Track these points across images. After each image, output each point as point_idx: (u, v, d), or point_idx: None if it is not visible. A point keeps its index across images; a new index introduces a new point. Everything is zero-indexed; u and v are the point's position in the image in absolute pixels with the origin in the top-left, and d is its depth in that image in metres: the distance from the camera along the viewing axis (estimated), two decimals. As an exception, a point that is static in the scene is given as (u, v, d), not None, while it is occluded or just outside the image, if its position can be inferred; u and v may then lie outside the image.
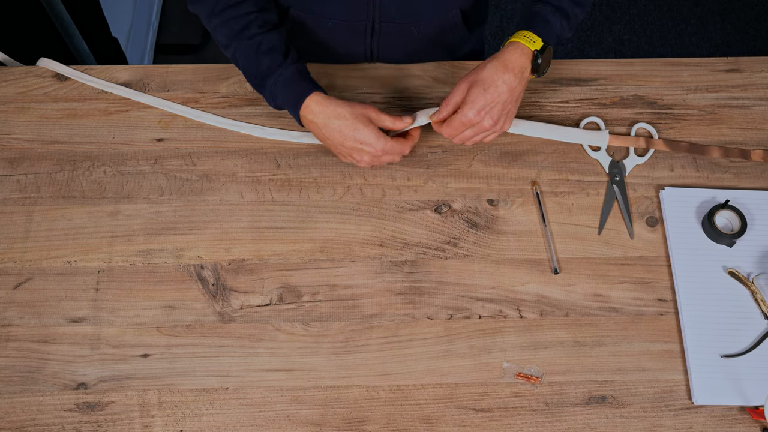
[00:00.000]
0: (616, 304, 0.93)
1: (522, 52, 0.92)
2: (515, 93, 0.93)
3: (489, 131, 0.94)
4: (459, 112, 0.92)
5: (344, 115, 0.92)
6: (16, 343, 0.90)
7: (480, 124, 0.93)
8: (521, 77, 0.92)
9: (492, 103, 0.91)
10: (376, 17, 1.05)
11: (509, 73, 0.91)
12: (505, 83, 0.91)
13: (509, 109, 0.94)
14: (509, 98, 0.92)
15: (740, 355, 0.90)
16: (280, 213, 0.99)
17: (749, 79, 1.10)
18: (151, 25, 2.13)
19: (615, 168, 1.02)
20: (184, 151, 1.03)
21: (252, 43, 0.94)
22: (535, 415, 0.87)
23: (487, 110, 0.92)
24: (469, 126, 0.93)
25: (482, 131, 0.94)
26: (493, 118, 0.92)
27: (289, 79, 0.93)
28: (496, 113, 0.92)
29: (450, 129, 0.94)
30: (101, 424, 0.86)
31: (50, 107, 1.06)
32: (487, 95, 0.91)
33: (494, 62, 0.92)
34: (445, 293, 0.94)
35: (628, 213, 0.99)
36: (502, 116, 0.93)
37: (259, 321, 0.92)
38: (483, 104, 0.91)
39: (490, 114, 0.92)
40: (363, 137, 0.92)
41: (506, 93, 0.91)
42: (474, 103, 0.91)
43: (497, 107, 0.92)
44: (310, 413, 0.87)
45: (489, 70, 0.91)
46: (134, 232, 0.97)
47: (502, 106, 0.92)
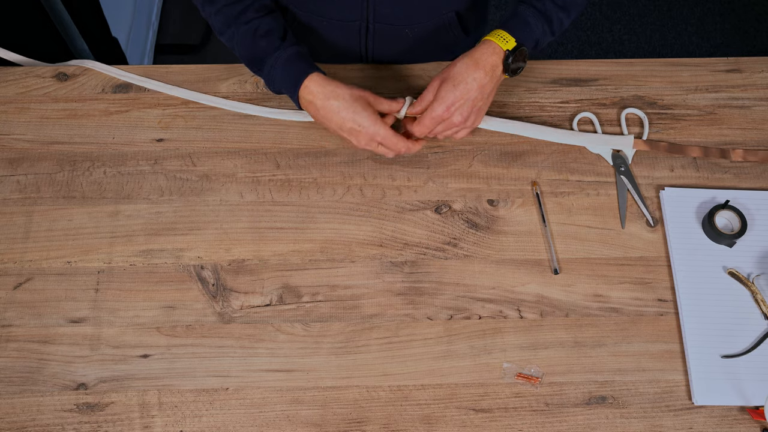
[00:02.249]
0: (616, 304, 0.93)
1: (493, 50, 0.93)
2: (485, 90, 0.93)
3: (458, 127, 0.95)
4: (429, 109, 0.94)
5: (343, 96, 0.92)
6: (16, 343, 0.90)
7: (449, 119, 0.94)
8: (492, 75, 0.93)
9: (461, 100, 0.92)
10: (371, 17, 1.05)
11: (480, 70, 0.92)
12: (475, 80, 0.92)
13: (479, 106, 0.95)
14: (479, 95, 0.93)
15: (740, 355, 0.90)
16: (280, 213, 0.99)
17: (749, 79, 1.10)
18: (151, 25, 2.13)
19: (618, 159, 1.02)
20: (184, 151, 1.03)
21: (249, 27, 0.94)
22: (535, 415, 0.87)
23: (456, 106, 0.93)
24: (439, 122, 0.94)
25: (451, 127, 0.95)
26: (462, 114, 0.93)
27: (288, 60, 0.94)
28: (465, 110, 0.93)
29: (421, 127, 0.95)
30: (101, 425, 0.86)
31: (50, 107, 1.06)
32: (456, 91, 0.92)
33: (465, 59, 0.93)
34: (445, 294, 0.94)
35: (642, 200, 0.99)
36: (472, 113, 0.94)
37: (259, 321, 0.92)
38: (452, 100, 0.92)
39: (459, 110, 0.93)
40: (361, 120, 0.92)
41: (476, 90, 0.92)
42: (443, 99, 0.92)
43: (467, 104, 0.93)
44: (310, 414, 0.87)
45: (459, 67, 0.93)
46: (134, 233, 0.97)
47: (472, 102, 0.93)
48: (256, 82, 1.08)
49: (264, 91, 1.08)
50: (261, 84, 1.08)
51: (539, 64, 1.11)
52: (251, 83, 1.08)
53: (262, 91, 1.08)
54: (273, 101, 1.07)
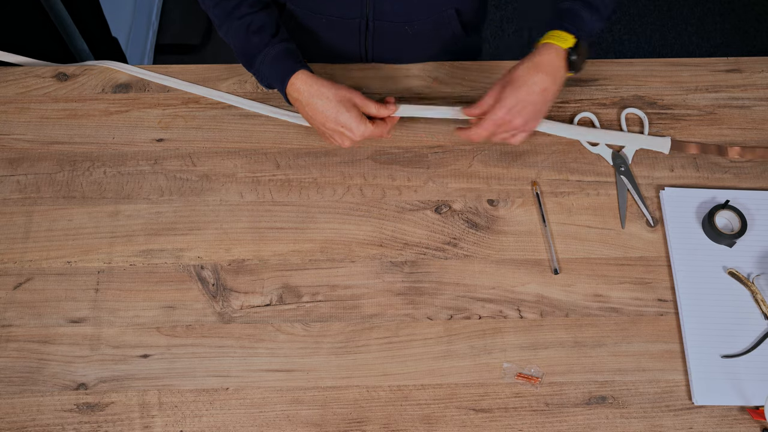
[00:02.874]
0: (616, 304, 0.93)
1: (555, 52, 0.92)
2: (548, 94, 0.92)
3: (519, 129, 0.94)
4: (490, 112, 0.92)
5: (328, 96, 0.92)
6: (16, 343, 0.90)
7: (510, 123, 0.92)
8: (554, 78, 0.92)
9: (523, 102, 0.91)
10: (370, 15, 1.05)
11: (541, 73, 0.91)
12: (536, 84, 0.91)
13: (540, 109, 0.93)
14: (540, 99, 0.92)
15: (740, 355, 0.90)
16: (280, 213, 0.99)
17: (749, 79, 1.10)
18: (151, 25, 2.13)
19: (618, 159, 1.02)
20: (184, 151, 1.03)
21: (242, 22, 0.95)
22: (535, 415, 0.87)
23: (518, 109, 0.91)
24: (499, 124, 0.93)
25: (511, 129, 0.94)
26: (523, 117, 0.92)
27: (276, 57, 0.94)
28: (527, 113, 0.92)
29: (480, 129, 0.94)
30: (101, 425, 0.86)
31: (50, 107, 1.06)
32: (518, 94, 0.91)
33: (526, 63, 0.92)
34: (445, 293, 0.94)
35: (642, 200, 0.99)
36: (532, 116, 0.93)
37: (259, 321, 0.92)
38: (514, 102, 0.91)
39: (520, 113, 0.92)
40: (345, 121, 0.92)
41: (538, 93, 0.91)
42: (504, 101, 0.91)
43: (528, 107, 0.91)
44: (310, 413, 0.87)
45: (521, 70, 0.91)
46: (134, 233, 0.97)
47: (533, 106, 0.92)
48: (255, 83, 1.08)
49: (264, 90, 1.08)
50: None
51: (539, 64, 1.10)
52: (251, 83, 1.08)
53: (262, 91, 1.08)
54: (274, 101, 1.07)
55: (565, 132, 1.04)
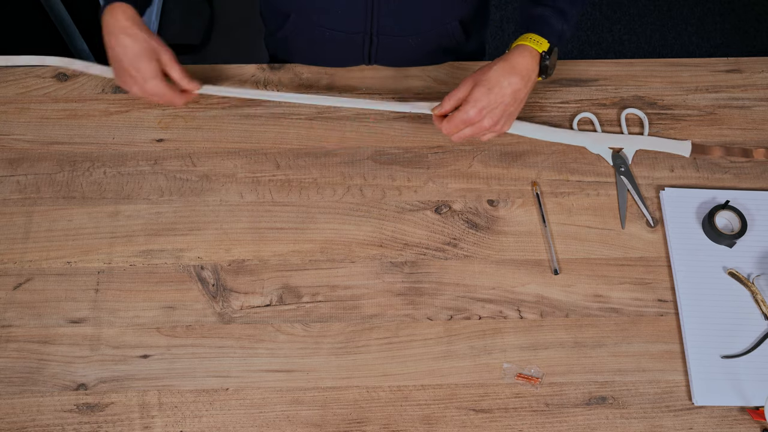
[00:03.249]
0: (616, 304, 0.93)
1: (530, 54, 0.92)
2: (519, 96, 0.93)
3: (488, 130, 0.95)
4: (461, 109, 0.93)
5: (138, 39, 0.92)
6: (16, 343, 0.90)
7: (480, 123, 0.93)
8: (527, 80, 0.93)
9: (494, 104, 0.91)
10: (374, 30, 1.05)
11: (516, 75, 0.91)
12: (510, 85, 0.91)
13: (511, 111, 0.94)
14: (512, 100, 0.92)
15: (740, 355, 0.90)
16: (280, 213, 0.99)
17: (749, 79, 1.10)
18: (151, 25, 2.13)
19: (618, 159, 1.02)
20: (184, 151, 1.03)
21: None
22: (535, 415, 0.87)
23: (488, 110, 0.92)
24: (469, 124, 0.93)
25: (481, 130, 0.94)
26: (493, 118, 0.93)
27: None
28: (497, 114, 0.92)
29: (450, 125, 0.94)
30: (101, 425, 0.86)
31: (50, 108, 1.06)
32: (490, 95, 0.91)
33: (501, 63, 0.92)
34: (445, 294, 0.94)
35: (642, 200, 0.99)
36: (502, 118, 0.93)
37: (259, 322, 0.92)
38: (486, 104, 0.91)
39: (491, 114, 0.92)
40: (142, 67, 0.92)
41: (510, 95, 0.92)
42: (477, 101, 0.91)
43: (499, 108, 0.92)
44: (310, 414, 0.87)
45: (496, 71, 0.92)
46: (134, 233, 0.97)
47: (504, 107, 0.92)
48: (255, 83, 1.08)
49: (264, 90, 1.07)
50: (261, 84, 1.08)
51: (539, 65, 1.11)
52: (251, 83, 1.08)
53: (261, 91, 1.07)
54: (272, 101, 1.07)
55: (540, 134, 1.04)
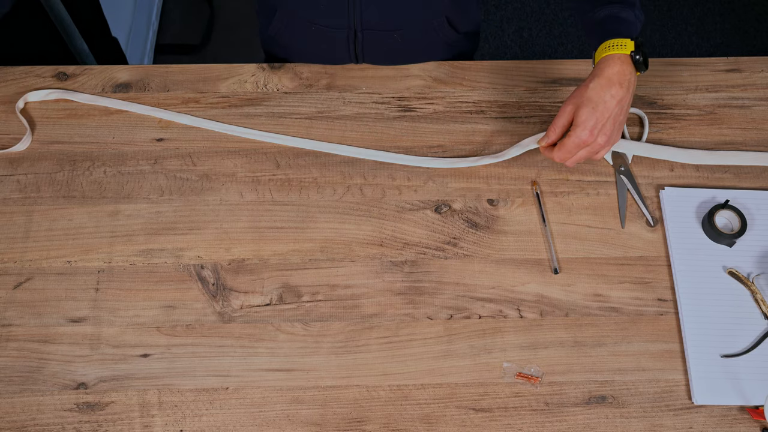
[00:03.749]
0: (616, 304, 0.93)
1: (621, 61, 0.90)
2: (624, 104, 0.91)
3: (604, 147, 0.93)
4: (572, 134, 0.91)
5: None
6: (16, 343, 0.90)
7: (594, 142, 0.91)
8: (628, 87, 0.91)
9: (603, 120, 0.90)
10: (358, 25, 1.04)
11: (614, 86, 0.89)
12: (614, 98, 0.89)
13: (620, 121, 0.92)
14: (619, 111, 0.90)
15: (740, 355, 0.90)
16: (280, 213, 0.99)
17: (749, 79, 1.10)
18: (151, 25, 2.13)
19: (618, 159, 1.02)
20: (184, 151, 1.03)
21: None
22: (535, 415, 0.87)
23: (599, 127, 0.90)
24: (583, 147, 0.91)
25: (597, 149, 0.92)
26: (606, 134, 0.91)
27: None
28: (608, 129, 0.91)
29: (563, 153, 0.92)
30: (101, 424, 0.86)
31: (50, 107, 1.06)
32: (597, 113, 0.89)
33: (597, 80, 0.90)
34: (445, 293, 0.94)
35: (642, 200, 0.99)
36: (614, 130, 0.92)
37: (259, 321, 0.92)
38: (594, 123, 0.89)
39: (603, 131, 0.90)
40: None
41: (615, 107, 0.90)
42: (586, 123, 0.89)
43: (609, 122, 0.90)
44: (310, 413, 0.87)
45: (593, 89, 0.90)
46: (134, 232, 0.97)
47: (614, 120, 0.91)
48: (255, 82, 1.08)
49: (264, 90, 1.08)
50: (261, 84, 1.08)
51: (539, 64, 1.11)
52: (251, 83, 1.08)
53: (261, 91, 1.08)
54: (272, 101, 1.07)
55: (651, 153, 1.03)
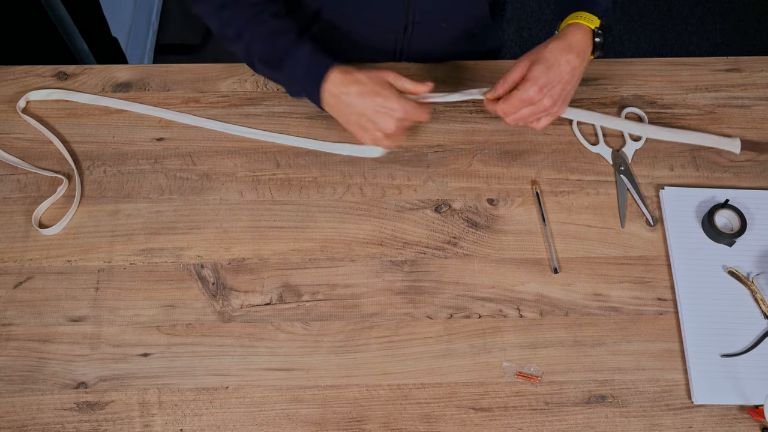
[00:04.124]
0: (615, 303, 0.93)
1: (584, 32, 0.91)
2: (576, 73, 0.91)
3: (546, 111, 0.92)
4: (519, 89, 0.90)
5: (363, 81, 0.89)
6: (16, 342, 0.90)
7: (540, 102, 0.90)
8: (583, 58, 0.91)
9: (554, 82, 0.89)
10: (410, 18, 1.04)
11: (572, 53, 0.90)
12: (569, 63, 0.90)
13: (568, 90, 0.92)
14: (570, 78, 0.91)
15: (740, 354, 0.90)
16: (280, 212, 0.99)
17: (749, 78, 1.10)
18: (151, 25, 2.13)
19: (618, 158, 1.02)
20: (184, 150, 1.03)
21: (266, 27, 0.94)
22: (534, 414, 0.87)
23: (548, 89, 0.89)
24: (528, 104, 0.90)
25: (540, 111, 0.92)
26: (552, 97, 0.90)
27: (308, 56, 0.92)
28: (556, 93, 0.90)
29: (507, 105, 0.91)
30: (101, 423, 0.86)
31: (50, 107, 1.06)
32: (549, 74, 0.89)
33: (557, 42, 0.91)
34: (445, 293, 0.94)
35: (641, 199, 0.99)
36: (561, 97, 0.91)
37: (259, 320, 0.92)
38: (545, 82, 0.89)
39: (550, 93, 0.90)
40: (384, 101, 0.89)
41: (568, 73, 0.90)
42: (536, 80, 0.89)
43: (558, 87, 0.90)
44: (310, 412, 0.87)
45: (552, 49, 0.90)
46: (134, 232, 0.97)
47: (563, 85, 0.90)
48: (255, 81, 1.08)
49: (264, 90, 1.08)
50: (261, 83, 1.08)
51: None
52: (251, 82, 1.08)
53: (261, 90, 1.08)
54: (272, 100, 1.07)
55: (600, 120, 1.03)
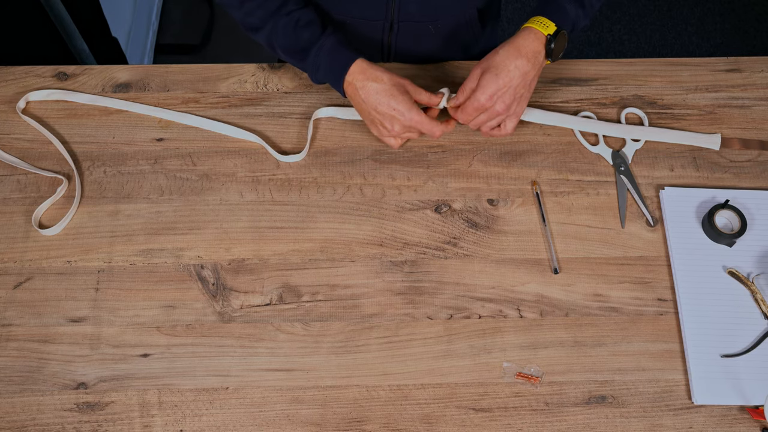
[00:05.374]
0: (615, 303, 0.93)
1: (535, 36, 0.93)
2: (527, 78, 0.93)
3: (502, 116, 0.95)
4: (471, 97, 0.94)
5: (383, 80, 0.93)
6: (16, 342, 0.90)
7: (492, 108, 0.93)
8: (534, 62, 0.93)
9: (504, 88, 0.92)
10: (395, 17, 1.05)
11: (522, 58, 0.92)
12: (518, 68, 0.92)
13: (522, 94, 0.94)
14: (521, 83, 0.93)
15: (740, 354, 0.90)
16: (280, 213, 0.99)
17: (749, 79, 1.10)
18: (151, 25, 2.13)
19: (618, 158, 1.02)
20: (184, 150, 1.03)
21: (290, 18, 0.96)
22: (535, 414, 0.87)
23: (499, 95, 0.92)
24: (481, 111, 0.94)
25: (495, 116, 0.95)
26: (505, 102, 0.93)
27: (332, 48, 0.95)
28: (508, 98, 0.93)
29: (463, 114, 0.95)
30: (101, 424, 0.86)
31: (50, 107, 1.06)
32: (498, 80, 0.91)
33: (507, 47, 0.93)
34: (445, 293, 0.94)
35: (641, 199, 0.99)
36: (514, 101, 0.94)
37: (259, 321, 0.92)
38: (495, 89, 0.92)
39: (501, 99, 0.93)
40: (396, 104, 0.93)
41: (518, 78, 0.92)
42: (485, 88, 0.92)
43: (509, 92, 0.92)
44: (309, 413, 0.87)
45: (501, 55, 0.92)
46: (134, 232, 0.97)
47: (514, 90, 0.93)
48: (255, 82, 1.08)
49: (264, 90, 1.08)
50: (261, 83, 1.08)
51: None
52: (251, 83, 1.08)
53: (261, 91, 1.08)
54: (272, 100, 1.07)
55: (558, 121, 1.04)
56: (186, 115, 1.05)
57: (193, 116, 1.05)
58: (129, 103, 1.06)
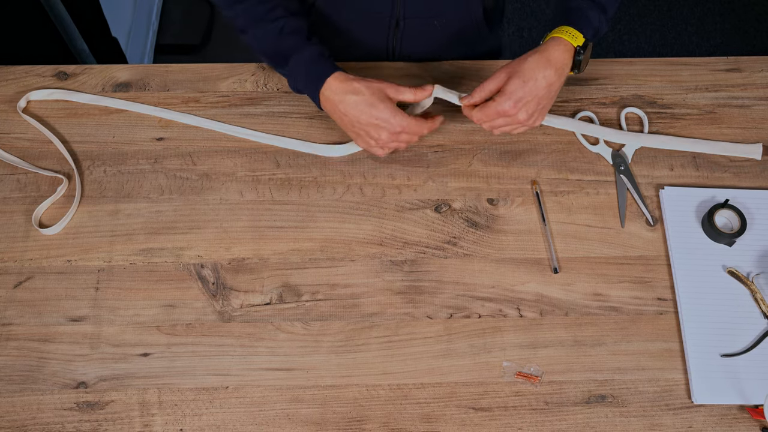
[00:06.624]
0: (615, 303, 0.93)
1: (565, 48, 0.92)
2: (553, 89, 0.92)
3: (521, 124, 0.94)
4: (496, 101, 0.91)
5: (361, 91, 0.91)
6: (16, 342, 0.90)
7: (515, 116, 0.92)
8: (561, 73, 0.92)
9: (529, 97, 0.91)
10: (401, 13, 1.05)
11: (550, 68, 0.90)
12: (545, 78, 0.90)
13: (544, 105, 0.93)
14: (546, 94, 0.92)
15: (740, 354, 0.90)
16: (280, 212, 0.99)
17: (749, 78, 1.10)
18: (151, 25, 2.13)
19: (618, 158, 1.02)
20: (184, 150, 1.03)
21: (276, 25, 0.95)
22: (534, 414, 0.87)
23: (523, 103, 0.91)
24: (503, 116, 0.92)
25: (515, 123, 0.93)
26: (528, 111, 0.92)
27: (311, 59, 0.94)
28: (531, 107, 0.92)
29: (482, 115, 0.93)
30: (101, 423, 0.86)
31: (50, 107, 1.06)
32: (525, 88, 0.90)
33: (536, 56, 0.91)
34: (445, 292, 0.94)
35: (641, 199, 0.99)
36: (537, 111, 0.93)
37: (259, 320, 0.92)
38: (521, 96, 0.90)
39: (526, 107, 0.91)
40: (378, 113, 0.91)
41: (544, 88, 0.91)
42: (512, 94, 0.90)
43: (533, 101, 0.91)
44: (309, 412, 0.87)
45: (530, 63, 0.91)
46: (134, 232, 0.97)
47: (538, 101, 0.91)
48: (255, 81, 1.09)
49: (264, 90, 1.08)
50: (261, 83, 1.08)
51: (539, 64, 1.11)
52: (251, 82, 1.08)
53: (261, 90, 1.08)
54: (272, 100, 1.07)
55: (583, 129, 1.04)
56: (187, 116, 1.05)
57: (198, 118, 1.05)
58: (129, 103, 1.06)
